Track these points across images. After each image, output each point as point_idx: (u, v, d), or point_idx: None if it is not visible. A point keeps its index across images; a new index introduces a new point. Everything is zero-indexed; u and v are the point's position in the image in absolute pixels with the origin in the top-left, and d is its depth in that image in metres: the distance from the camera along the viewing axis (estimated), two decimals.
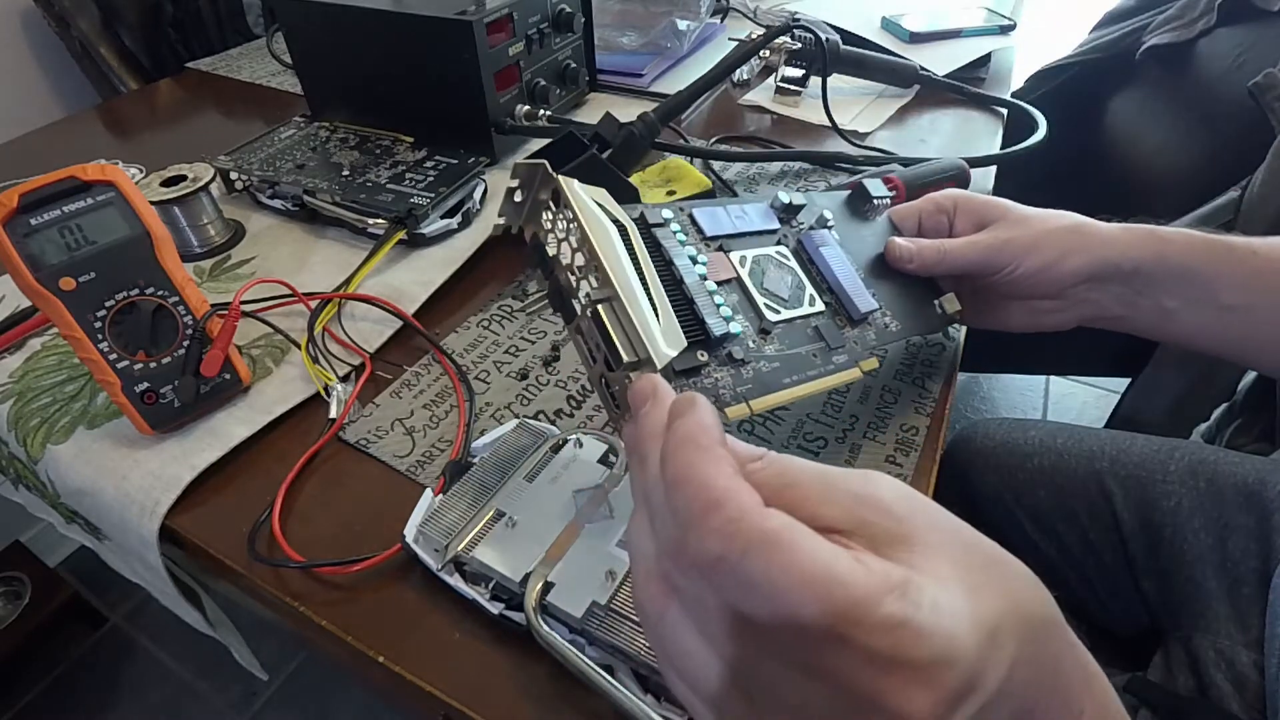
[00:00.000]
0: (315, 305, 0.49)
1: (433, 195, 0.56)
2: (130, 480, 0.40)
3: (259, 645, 0.51)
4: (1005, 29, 0.85)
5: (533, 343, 0.49)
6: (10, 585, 1.09)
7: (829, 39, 0.71)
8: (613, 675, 0.29)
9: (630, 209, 0.33)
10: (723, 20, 0.97)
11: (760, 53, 0.69)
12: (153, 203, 0.48)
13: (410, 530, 0.35)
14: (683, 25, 0.85)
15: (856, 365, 0.36)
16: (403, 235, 0.55)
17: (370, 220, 0.55)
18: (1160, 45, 0.88)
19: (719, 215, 0.37)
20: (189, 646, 1.13)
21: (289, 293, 0.49)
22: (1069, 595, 0.57)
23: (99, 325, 0.40)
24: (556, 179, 0.29)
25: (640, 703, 0.28)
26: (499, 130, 0.63)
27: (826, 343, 0.36)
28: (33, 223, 0.39)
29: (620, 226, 0.30)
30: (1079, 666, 0.21)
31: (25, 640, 1.05)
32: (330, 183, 0.59)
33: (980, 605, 0.18)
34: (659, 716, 0.28)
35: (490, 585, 0.33)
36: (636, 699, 0.28)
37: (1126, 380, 0.88)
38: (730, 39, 0.86)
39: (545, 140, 0.59)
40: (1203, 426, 0.86)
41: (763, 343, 0.34)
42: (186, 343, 0.42)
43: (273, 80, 0.89)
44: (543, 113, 0.65)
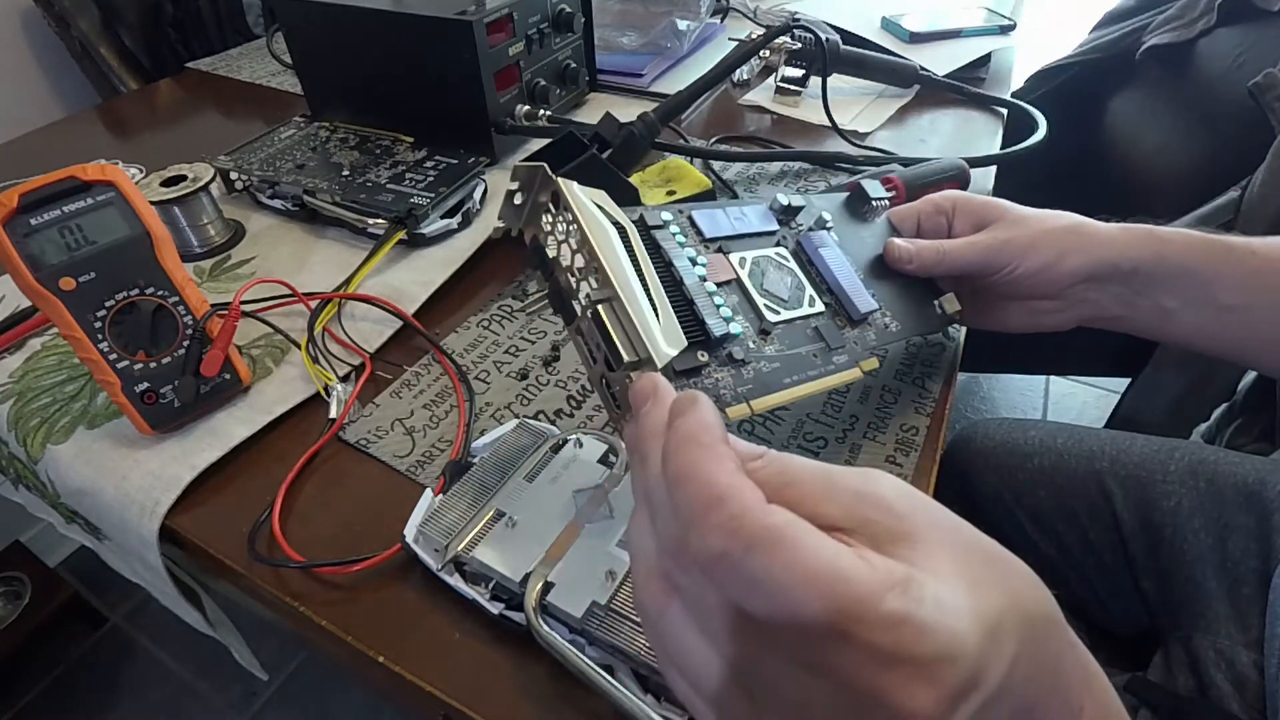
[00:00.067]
0: (315, 305, 0.49)
1: (433, 195, 0.56)
2: (130, 480, 0.40)
3: (259, 645, 0.51)
4: (1005, 29, 0.85)
5: (533, 343, 0.49)
6: (10, 585, 1.09)
7: (829, 39, 0.71)
8: (613, 675, 0.29)
9: (629, 211, 0.33)
10: (723, 20, 0.97)
11: (760, 53, 0.69)
12: (153, 203, 0.48)
13: (410, 530, 0.35)
14: (683, 25, 0.85)
15: (857, 365, 0.36)
16: (403, 235, 0.55)
17: (370, 220, 0.55)
18: (1160, 45, 0.88)
19: (718, 217, 0.37)
20: (189, 646, 1.13)
21: (289, 293, 0.49)
22: (1069, 595, 0.57)
23: (99, 325, 0.40)
24: (556, 181, 0.29)
25: (640, 703, 0.28)
26: (499, 130, 0.63)
27: (826, 343, 0.36)
28: (33, 223, 0.39)
29: (620, 228, 0.30)
30: (1079, 665, 0.21)
31: (25, 640, 1.05)
32: (330, 183, 0.59)
33: (981, 602, 0.18)
34: (659, 716, 0.28)
35: (490, 585, 0.33)
36: (636, 699, 0.28)
37: (1126, 380, 0.88)
38: (730, 39, 0.86)
39: (545, 140, 0.60)
40: (1203, 426, 0.86)
41: (763, 343, 0.34)
42: (186, 343, 0.42)
43: (273, 80, 0.89)
44: (543, 113, 0.65)
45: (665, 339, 0.27)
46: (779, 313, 0.35)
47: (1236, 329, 0.40)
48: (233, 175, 0.62)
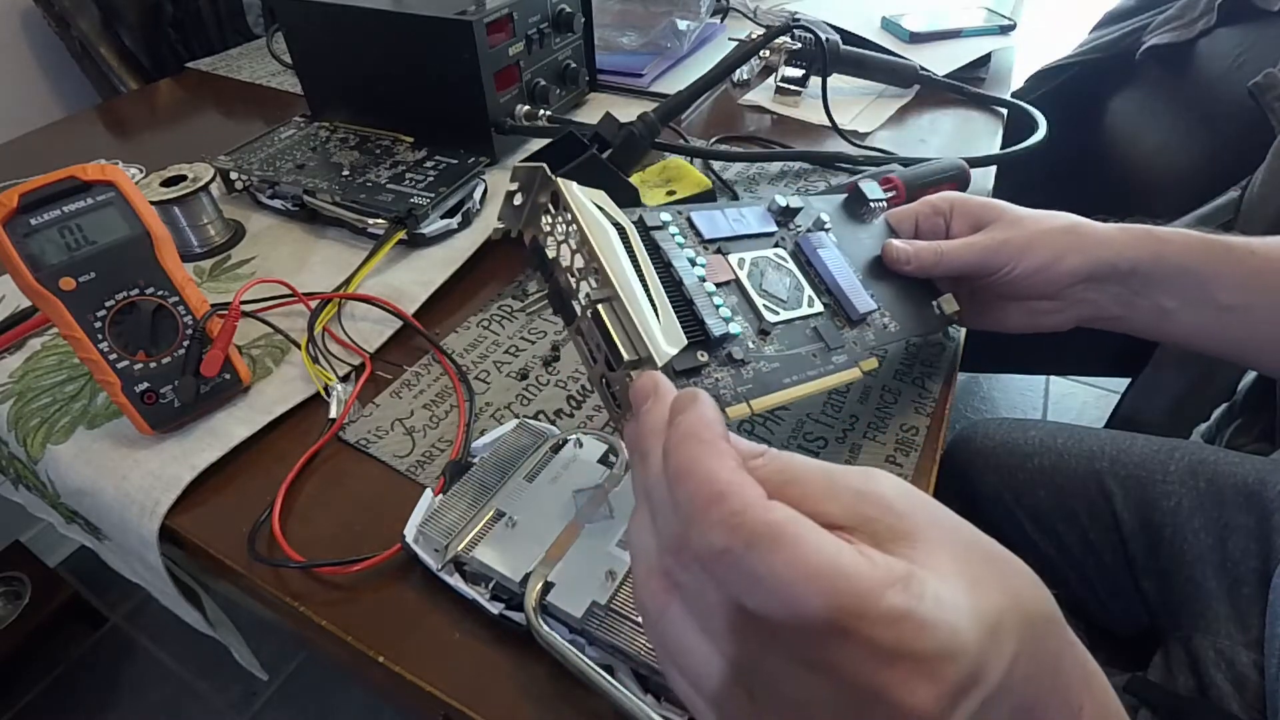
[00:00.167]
0: (315, 305, 0.49)
1: (433, 195, 0.56)
2: (130, 480, 0.40)
3: (259, 645, 0.51)
4: (1005, 29, 0.85)
5: (533, 343, 0.49)
6: (10, 585, 1.09)
7: (829, 39, 0.71)
8: (613, 675, 0.29)
9: (629, 213, 0.33)
10: (723, 20, 0.97)
11: (760, 53, 0.69)
12: (153, 203, 0.48)
13: (410, 530, 0.35)
14: (683, 25, 0.85)
15: (856, 365, 0.36)
16: (403, 235, 0.55)
17: (370, 220, 0.55)
18: (1160, 45, 0.88)
19: (717, 218, 0.37)
20: (189, 646, 1.13)
21: (289, 293, 0.49)
22: (1069, 595, 0.57)
23: (99, 325, 0.40)
24: (555, 182, 0.29)
25: (640, 703, 0.28)
26: (499, 130, 0.63)
27: (826, 343, 0.36)
28: (33, 223, 0.39)
29: (619, 228, 0.30)
30: (1078, 664, 0.21)
31: (25, 640, 1.05)
32: (330, 183, 0.59)
33: (982, 600, 0.18)
34: (659, 716, 0.28)
35: (490, 585, 0.33)
36: (636, 699, 0.28)
37: (1126, 380, 0.88)
38: (730, 39, 0.86)
39: (545, 140, 0.60)
40: (1203, 426, 0.86)
41: (762, 343, 0.34)
42: (186, 343, 0.42)
43: (273, 80, 0.89)
44: (543, 113, 0.65)
45: (665, 338, 0.27)
46: (778, 313, 0.35)
47: (1236, 329, 0.40)
48: (233, 175, 0.62)
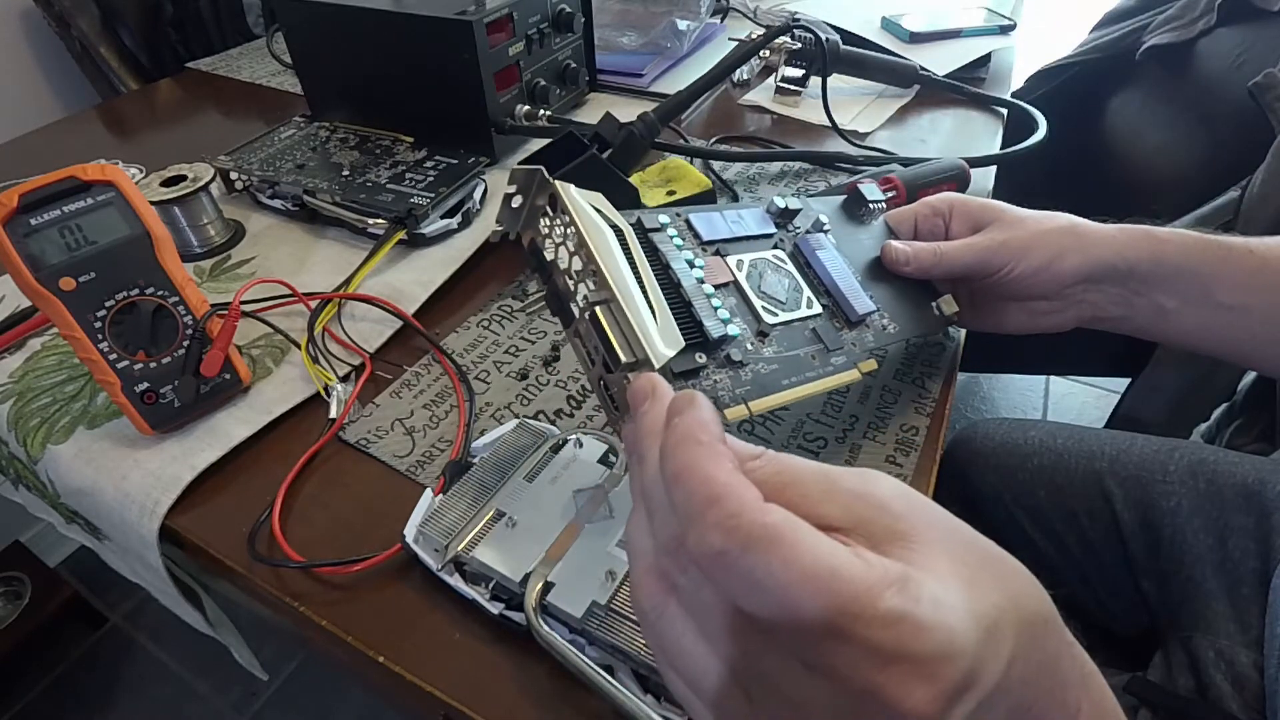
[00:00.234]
0: (315, 305, 0.49)
1: (433, 195, 0.56)
2: (130, 480, 0.40)
3: (259, 645, 0.51)
4: (1005, 29, 0.85)
5: (533, 343, 0.49)
6: (10, 585, 1.09)
7: (829, 39, 0.71)
8: (613, 675, 0.29)
9: (627, 215, 0.33)
10: (723, 20, 0.97)
11: (760, 53, 0.69)
12: (153, 203, 0.48)
13: (410, 530, 0.35)
14: (683, 25, 0.85)
15: (855, 367, 0.36)
16: (403, 235, 0.55)
17: (370, 220, 0.55)
18: (1160, 45, 0.88)
19: (715, 220, 0.37)
20: (189, 646, 1.13)
21: (289, 293, 0.49)
22: (1069, 595, 0.57)
23: (99, 325, 0.40)
24: (553, 184, 0.29)
25: (640, 703, 0.28)
26: (499, 130, 0.63)
27: (824, 345, 0.36)
28: (33, 223, 0.39)
29: (617, 230, 0.30)
30: (1076, 664, 0.21)
31: (25, 640, 1.05)
32: (330, 183, 0.59)
33: (979, 601, 0.18)
34: (659, 716, 0.28)
35: (490, 585, 0.33)
36: (636, 699, 0.28)
37: (1126, 380, 0.88)
38: (730, 39, 0.86)
39: (545, 140, 0.59)
40: (1203, 426, 0.86)
41: (761, 345, 0.34)
42: (186, 343, 0.42)
43: (273, 80, 0.89)
44: (543, 113, 0.65)
45: (662, 340, 0.27)
46: (777, 315, 0.35)
47: (1235, 329, 0.40)
48: (233, 175, 0.62)
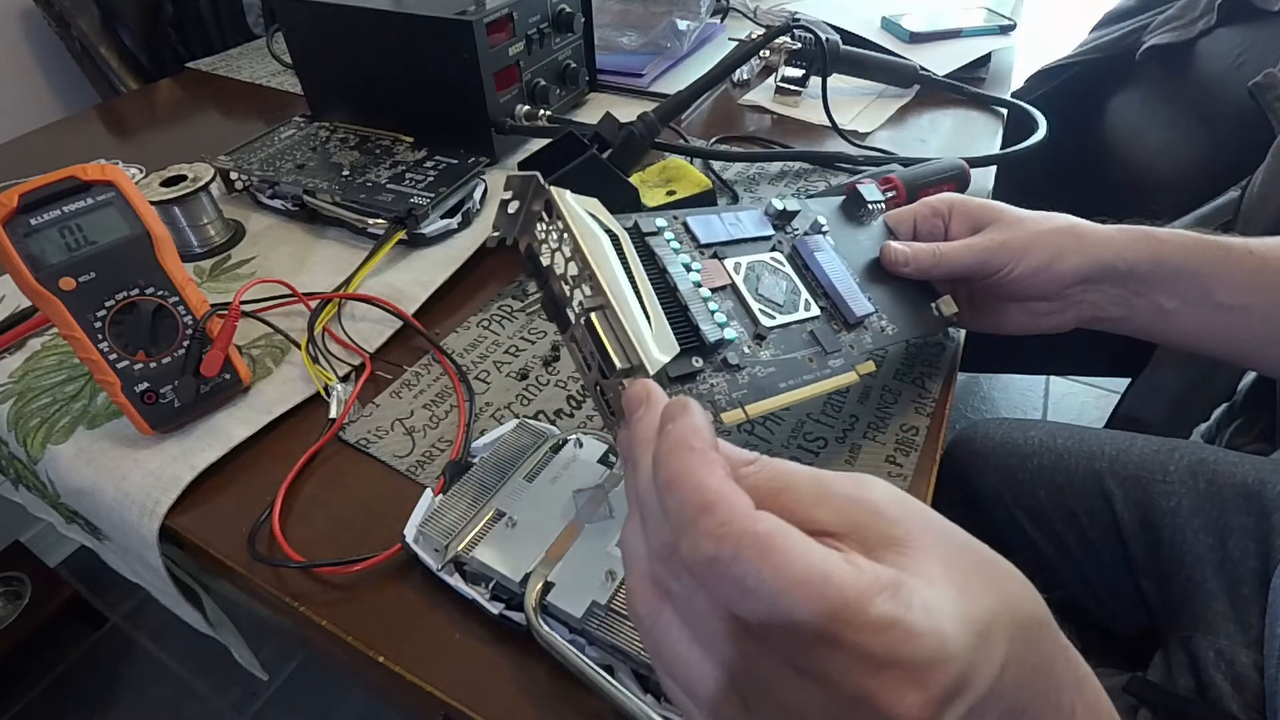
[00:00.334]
0: (315, 305, 0.49)
1: (433, 195, 0.56)
2: (130, 480, 0.40)
3: (259, 645, 0.51)
4: (1005, 29, 0.85)
5: (533, 343, 0.49)
6: (10, 585, 1.09)
7: (829, 39, 0.71)
8: (613, 675, 0.29)
9: (624, 218, 0.33)
10: (723, 20, 0.97)
11: (760, 53, 0.69)
12: (153, 203, 0.48)
13: (410, 530, 0.35)
14: (683, 25, 0.85)
15: (852, 369, 0.36)
16: (403, 235, 0.55)
17: (370, 220, 0.55)
18: (1160, 45, 0.88)
19: (713, 223, 0.37)
20: (189, 646, 1.13)
21: (289, 293, 0.49)
22: (1069, 595, 0.57)
23: (99, 325, 0.40)
24: (549, 190, 0.29)
25: (640, 703, 0.28)
26: (499, 130, 0.63)
27: (822, 347, 0.36)
28: (33, 223, 0.39)
29: (613, 236, 0.30)
30: (1070, 668, 0.21)
31: (25, 640, 1.05)
32: (330, 183, 0.59)
33: (971, 606, 0.18)
34: (659, 716, 0.28)
35: (490, 585, 0.33)
36: (636, 699, 0.28)
37: (1126, 380, 0.88)
38: (730, 39, 0.86)
39: (545, 140, 0.59)
40: (1203, 426, 0.86)
41: (758, 348, 0.34)
42: (186, 343, 0.42)
43: (273, 80, 0.89)
44: (543, 113, 0.65)
45: (657, 346, 0.27)
46: (774, 317, 0.35)
47: (1235, 329, 0.40)
48: (233, 175, 0.62)
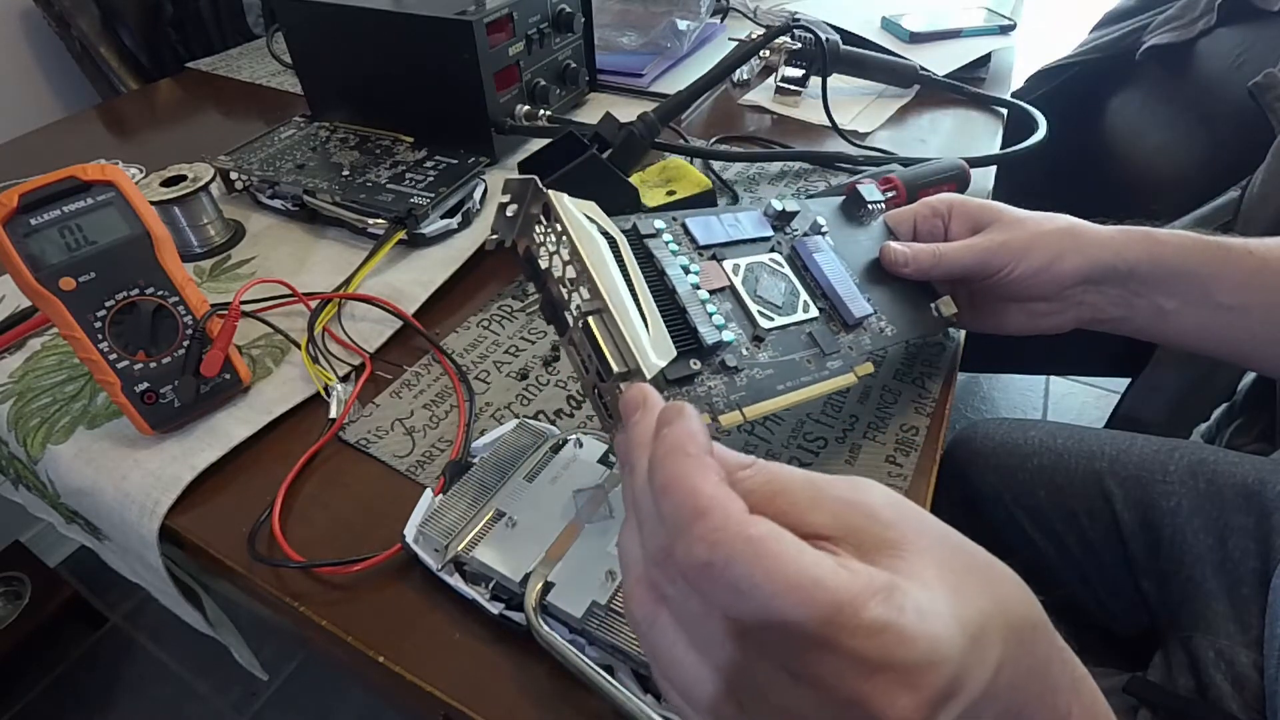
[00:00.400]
0: (315, 305, 0.49)
1: (433, 195, 0.56)
2: (130, 480, 0.40)
3: (259, 645, 0.51)
4: (1005, 29, 0.85)
5: (533, 343, 0.49)
6: (10, 585, 1.09)
7: (829, 39, 0.71)
8: (613, 675, 0.29)
9: (623, 220, 0.33)
10: (723, 20, 0.97)
11: (760, 53, 0.69)
12: (153, 203, 0.48)
13: (410, 530, 0.35)
14: (683, 25, 0.85)
15: (851, 371, 0.36)
16: (403, 235, 0.55)
17: (370, 220, 0.55)
18: (1160, 45, 0.88)
19: (712, 224, 0.37)
20: (189, 646, 1.13)
21: (289, 293, 0.49)
22: (1069, 595, 0.57)
23: (99, 325, 0.40)
24: (547, 194, 0.29)
25: (640, 703, 0.28)
26: (499, 130, 0.63)
27: (821, 349, 0.36)
28: (33, 223, 0.39)
29: (610, 239, 0.30)
30: (1066, 669, 0.21)
31: (25, 640, 1.05)
32: (330, 183, 0.59)
33: (966, 609, 0.18)
34: (659, 716, 0.28)
35: (490, 585, 0.33)
36: (636, 699, 0.28)
37: (1126, 380, 0.88)
38: (730, 39, 0.86)
39: (545, 140, 0.59)
40: (1203, 426, 0.86)
41: (756, 350, 0.34)
42: (186, 343, 0.42)
43: (273, 80, 0.89)
44: (543, 113, 0.65)
45: (654, 350, 0.27)
46: (773, 319, 0.35)
47: (1235, 329, 0.40)
48: (233, 175, 0.62)
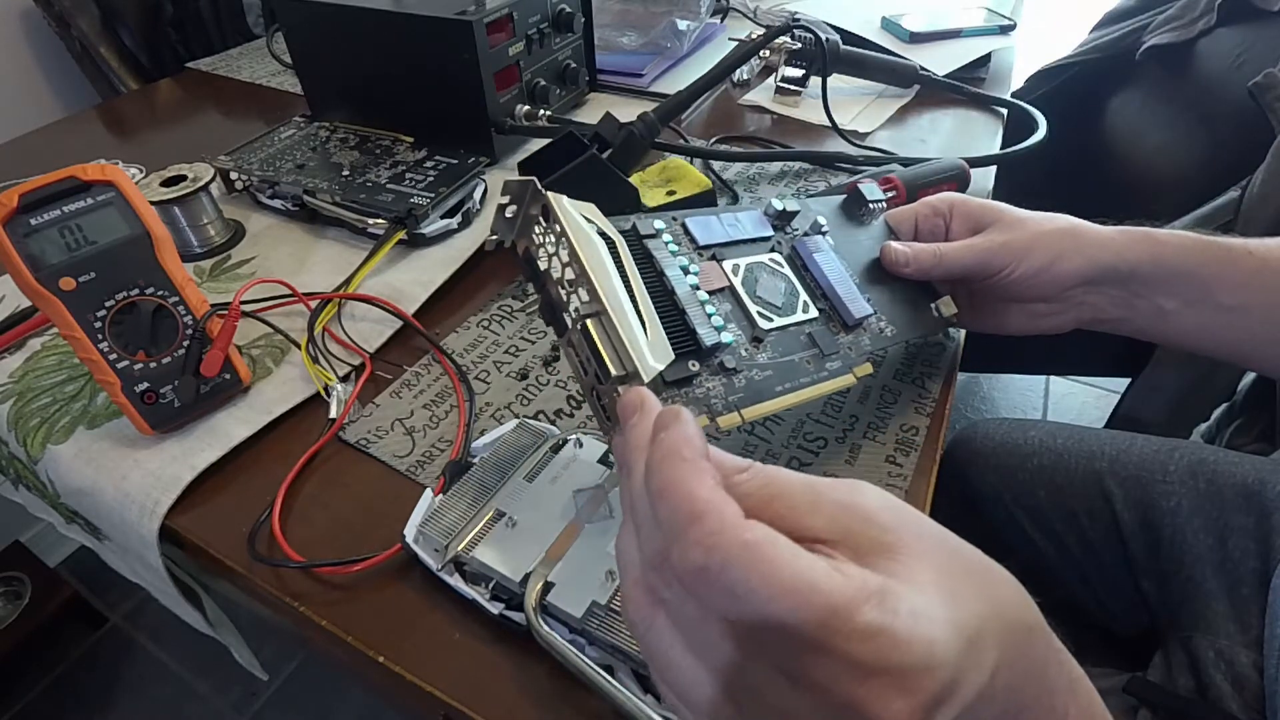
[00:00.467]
0: (315, 305, 0.49)
1: (433, 195, 0.56)
2: (130, 480, 0.40)
3: (259, 645, 0.51)
4: (1005, 29, 0.85)
5: (533, 343, 0.49)
6: (10, 585, 1.09)
7: (829, 39, 0.71)
8: (613, 675, 0.29)
9: (623, 221, 0.33)
10: (723, 20, 0.97)
11: (760, 53, 0.69)
12: (153, 203, 0.48)
13: (410, 530, 0.35)
14: (683, 25, 0.85)
15: (850, 371, 0.36)
16: (403, 235, 0.55)
17: (370, 220, 0.55)
18: (1160, 45, 0.88)
19: (712, 224, 0.37)
20: (189, 646, 1.13)
21: (289, 293, 0.49)
22: (1069, 595, 0.57)
23: (99, 325, 0.40)
24: (546, 195, 0.29)
25: (640, 703, 0.28)
26: (499, 130, 0.63)
27: (820, 349, 0.36)
28: (33, 223, 0.39)
29: (609, 241, 0.30)
30: (1063, 671, 0.21)
31: (25, 640, 1.05)
32: (330, 183, 0.59)
33: (961, 612, 0.18)
34: (659, 716, 0.28)
35: (490, 585, 0.33)
36: (636, 699, 0.28)
37: (1126, 380, 0.88)
38: (730, 39, 0.86)
39: (545, 140, 0.59)
40: (1203, 426, 0.86)
41: (755, 351, 0.34)
42: (186, 343, 0.42)
43: (273, 80, 0.89)
44: (543, 113, 0.65)
45: (652, 353, 0.27)
46: (772, 320, 0.35)
47: (1235, 329, 0.40)
48: (233, 175, 0.62)
